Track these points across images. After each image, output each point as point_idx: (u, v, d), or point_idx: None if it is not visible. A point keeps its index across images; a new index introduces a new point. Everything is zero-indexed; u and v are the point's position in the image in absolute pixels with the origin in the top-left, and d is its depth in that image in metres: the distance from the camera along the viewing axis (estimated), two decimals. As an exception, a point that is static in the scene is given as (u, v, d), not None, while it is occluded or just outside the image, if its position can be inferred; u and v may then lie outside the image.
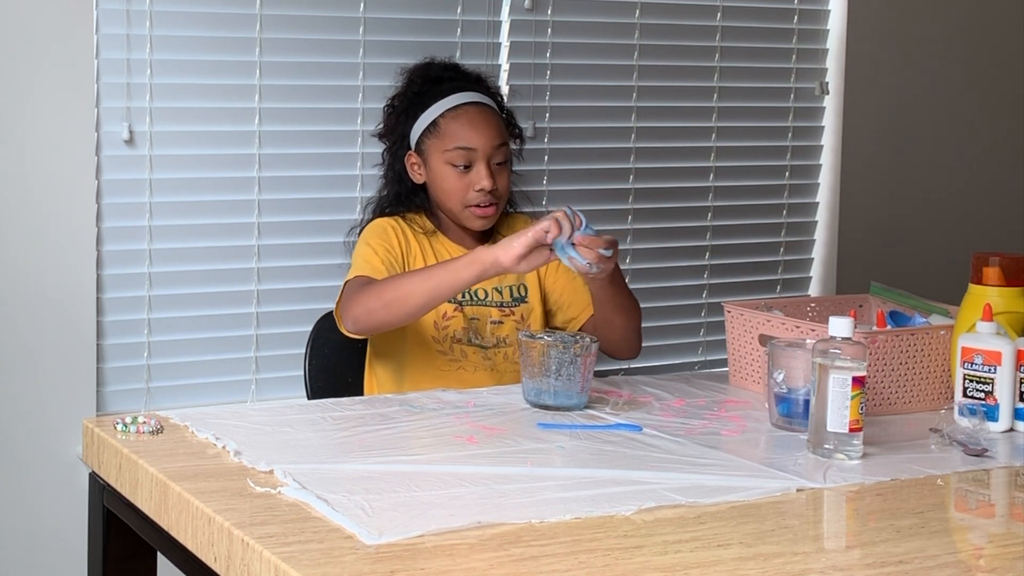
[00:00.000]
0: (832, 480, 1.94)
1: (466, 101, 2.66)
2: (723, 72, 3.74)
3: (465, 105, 2.66)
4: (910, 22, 4.00)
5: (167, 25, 3.06)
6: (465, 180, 2.63)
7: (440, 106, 2.66)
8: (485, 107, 2.68)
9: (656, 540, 1.66)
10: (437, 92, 2.68)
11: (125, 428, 2.07)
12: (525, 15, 3.45)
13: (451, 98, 2.66)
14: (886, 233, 4.00)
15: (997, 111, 4.17)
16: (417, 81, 2.73)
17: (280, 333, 3.22)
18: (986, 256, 2.35)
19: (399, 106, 2.74)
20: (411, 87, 2.74)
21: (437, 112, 2.66)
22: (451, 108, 2.65)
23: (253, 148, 3.17)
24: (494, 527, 1.67)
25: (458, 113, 2.65)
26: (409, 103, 2.71)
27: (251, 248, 3.19)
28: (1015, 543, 1.71)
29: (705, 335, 3.76)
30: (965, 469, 2.04)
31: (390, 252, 2.61)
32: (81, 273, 3.00)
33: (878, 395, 2.33)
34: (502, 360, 2.66)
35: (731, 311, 2.55)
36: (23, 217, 2.95)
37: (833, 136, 3.91)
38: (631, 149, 3.63)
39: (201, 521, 1.73)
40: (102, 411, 3.06)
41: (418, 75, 2.75)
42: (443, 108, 2.66)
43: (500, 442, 2.07)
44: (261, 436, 2.06)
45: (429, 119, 2.66)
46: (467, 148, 2.63)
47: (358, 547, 1.59)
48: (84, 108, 2.98)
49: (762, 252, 3.86)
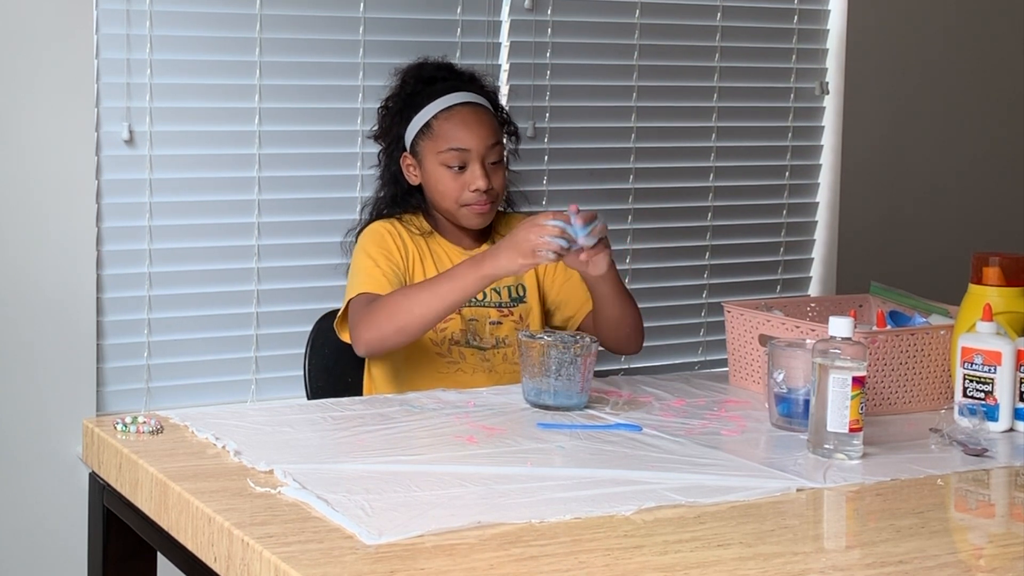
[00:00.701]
0: (832, 480, 1.94)
1: (458, 102, 2.66)
2: (723, 72, 3.74)
3: (458, 106, 2.66)
4: (910, 22, 4.00)
5: (167, 25, 3.06)
6: (460, 181, 2.63)
7: (433, 107, 2.66)
8: (478, 107, 2.68)
9: (656, 540, 1.66)
10: (430, 93, 2.68)
11: (125, 428, 2.07)
12: (525, 15, 3.45)
13: (443, 99, 2.66)
14: (886, 233, 4.00)
15: (997, 111, 4.17)
16: (410, 82, 2.73)
17: (280, 333, 3.22)
18: (986, 256, 2.35)
19: (393, 107, 2.74)
20: (404, 88, 2.73)
21: (430, 114, 2.66)
22: (444, 109, 2.65)
23: (253, 148, 3.17)
24: (494, 527, 1.67)
25: (451, 114, 2.65)
26: (403, 104, 2.71)
27: (251, 248, 3.19)
28: (1015, 543, 1.71)
29: (705, 335, 3.76)
30: (965, 469, 2.04)
31: (391, 260, 2.60)
32: (81, 273, 3.00)
33: (878, 395, 2.33)
34: (500, 361, 2.66)
35: (731, 311, 2.55)
36: (23, 217, 2.95)
37: (833, 136, 3.91)
38: (631, 149, 3.63)
39: (201, 521, 1.73)
40: (102, 411, 3.06)
41: (411, 76, 2.74)
42: (436, 109, 2.65)
43: (500, 442, 2.07)
44: (261, 436, 2.06)
45: (422, 121, 2.66)
46: (460, 149, 2.63)
47: (358, 547, 1.59)
48: (84, 108, 2.98)
49: (762, 252, 3.86)
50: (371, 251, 2.62)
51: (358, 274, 2.60)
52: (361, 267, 2.60)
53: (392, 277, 2.57)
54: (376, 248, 2.62)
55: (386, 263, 2.59)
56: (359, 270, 2.60)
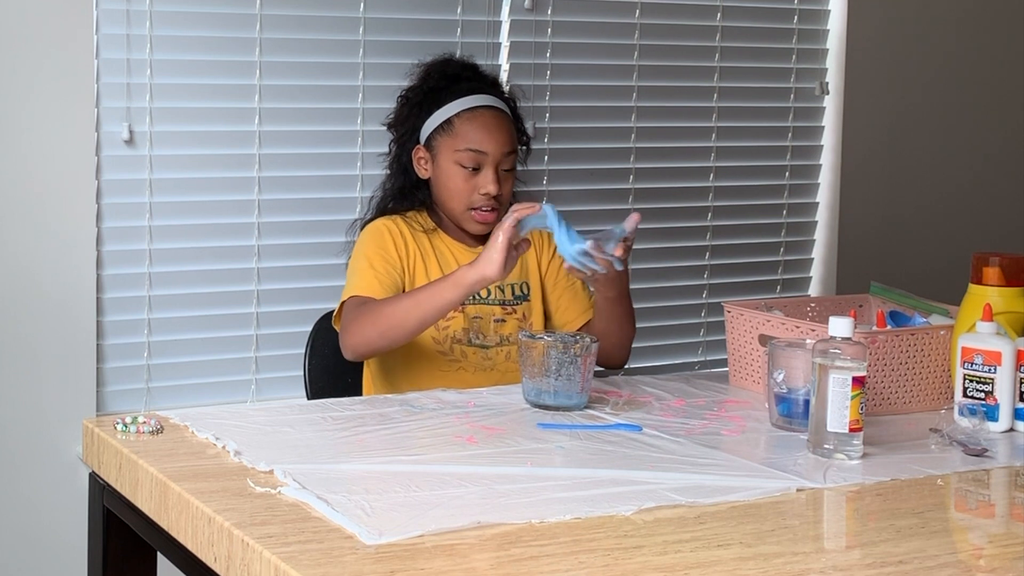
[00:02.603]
0: (832, 480, 1.94)
1: (483, 104, 2.67)
2: (723, 72, 3.74)
3: (482, 108, 2.67)
4: (910, 22, 4.00)
5: (167, 25, 3.06)
6: (472, 182, 2.64)
7: (456, 105, 2.66)
8: (500, 112, 2.69)
9: (656, 540, 1.66)
10: (454, 91, 2.69)
11: (125, 428, 2.07)
12: (525, 15, 3.45)
13: (469, 99, 2.67)
14: (886, 233, 3.99)
15: (997, 111, 4.17)
16: (434, 76, 2.74)
17: (280, 333, 3.21)
18: (986, 256, 2.35)
19: (413, 99, 2.74)
20: (427, 82, 2.74)
21: (453, 111, 2.66)
22: (467, 109, 2.66)
23: (253, 148, 3.17)
24: (494, 527, 1.67)
25: (474, 115, 2.66)
26: (423, 97, 2.72)
27: (251, 248, 3.19)
28: (1015, 543, 1.71)
29: (705, 335, 3.76)
30: (965, 469, 2.04)
31: (388, 261, 2.61)
32: (81, 273, 3.00)
33: (878, 395, 2.33)
34: (503, 360, 2.66)
35: (731, 311, 2.55)
36: (23, 217, 2.95)
37: (833, 136, 3.91)
38: (631, 149, 3.63)
39: (201, 521, 1.73)
40: (102, 411, 3.05)
41: (436, 71, 2.75)
42: (459, 108, 2.66)
43: (500, 442, 2.08)
44: (261, 436, 2.06)
45: (443, 116, 2.67)
46: (478, 151, 2.63)
47: (358, 547, 1.59)
48: (84, 108, 2.98)
49: (762, 252, 3.86)
50: (368, 252, 2.62)
51: (352, 276, 2.61)
52: (356, 268, 2.61)
53: (386, 279, 2.58)
54: (374, 249, 2.62)
55: (382, 264, 2.60)
56: (354, 271, 2.61)
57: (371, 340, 2.50)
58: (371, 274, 2.58)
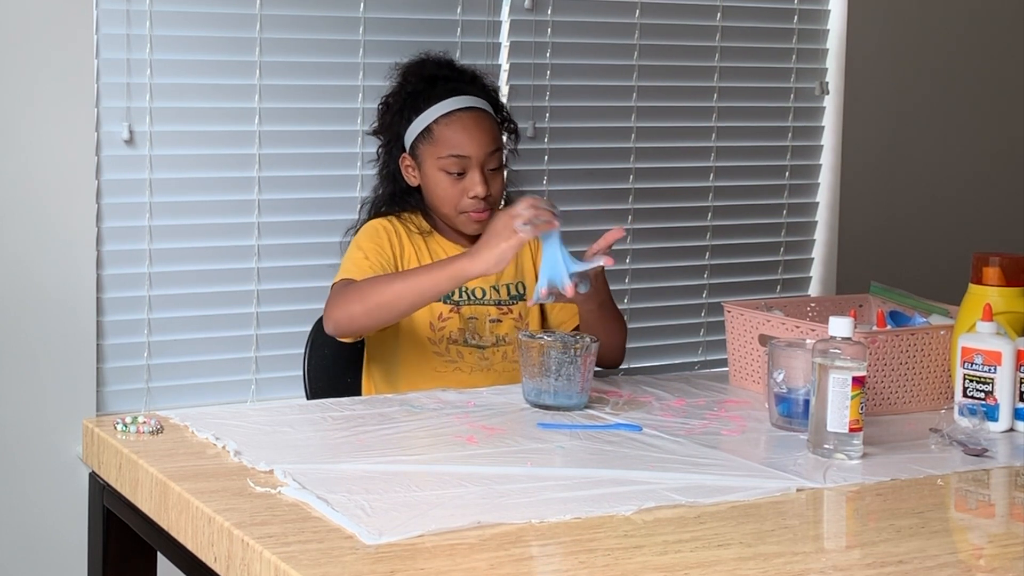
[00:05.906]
0: (832, 480, 1.94)
1: (459, 107, 2.65)
2: (723, 72, 3.74)
3: (459, 111, 2.64)
4: (910, 22, 4.00)
5: (167, 25, 3.06)
6: (459, 187, 2.62)
7: (434, 111, 2.64)
8: (479, 112, 2.66)
9: (656, 540, 1.66)
10: (430, 94, 2.65)
11: (125, 428, 2.07)
12: (525, 15, 3.45)
13: (444, 103, 2.64)
14: (886, 233, 3.99)
15: (997, 111, 4.17)
16: (412, 80, 2.71)
17: (280, 333, 3.22)
18: (986, 256, 2.35)
19: (393, 105, 2.72)
20: (405, 86, 2.71)
21: (431, 118, 2.64)
22: (445, 114, 2.63)
23: (253, 148, 3.17)
24: (494, 527, 1.67)
25: (452, 120, 2.63)
26: (403, 103, 2.69)
27: (251, 248, 3.19)
28: (1015, 543, 1.71)
29: (705, 335, 3.76)
30: (965, 469, 2.04)
31: (381, 254, 2.60)
32: (81, 273, 3.00)
33: (878, 395, 2.33)
34: (500, 360, 2.66)
35: (731, 311, 2.55)
36: (23, 217, 2.95)
37: (833, 136, 3.91)
38: (631, 149, 3.63)
39: (201, 521, 1.73)
40: (102, 411, 3.06)
41: (412, 74, 2.72)
42: (437, 114, 2.63)
43: (500, 442, 2.08)
44: (261, 436, 2.06)
45: (423, 124, 2.64)
46: (461, 156, 2.61)
47: (358, 547, 1.59)
48: (84, 108, 2.98)
49: (762, 252, 3.86)
50: (363, 244, 2.62)
51: (345, 262, 2.60)
52: (349, 257, 2.61)
53: (379, 269, 2.56)
54: (369, 242, 2.62)
55: (376, 256, 2.59)
56: (347, 259, 2.61)
57: (355, 316, 2.45)
58: (365, 263, 2.57)
